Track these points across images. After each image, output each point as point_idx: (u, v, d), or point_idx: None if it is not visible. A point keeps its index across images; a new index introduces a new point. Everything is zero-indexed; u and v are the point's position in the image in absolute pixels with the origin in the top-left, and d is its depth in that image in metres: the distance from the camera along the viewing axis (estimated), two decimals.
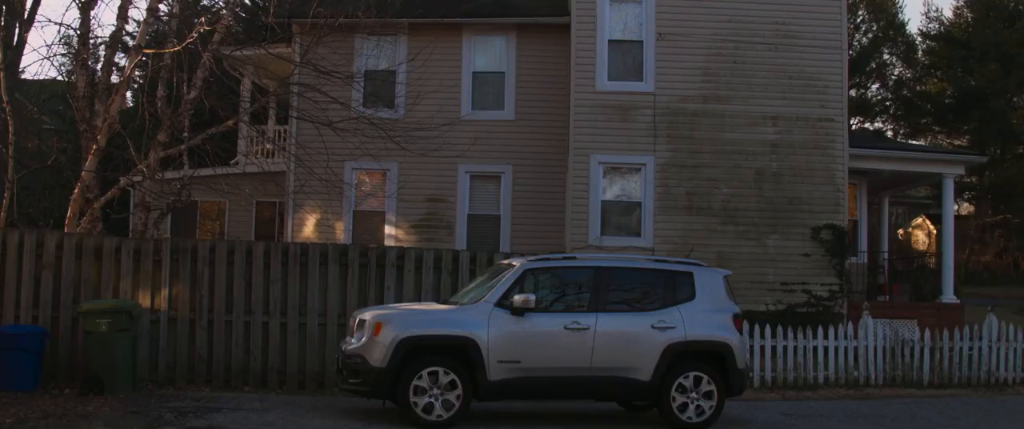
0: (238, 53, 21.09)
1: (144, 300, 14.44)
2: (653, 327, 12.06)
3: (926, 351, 17.70)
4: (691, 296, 12.45)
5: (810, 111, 19.92)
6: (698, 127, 19.90)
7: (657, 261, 13.33)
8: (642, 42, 20.21)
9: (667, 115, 19.93)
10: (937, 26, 47.38)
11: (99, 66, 19.14)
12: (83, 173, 16.20)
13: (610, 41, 20.23)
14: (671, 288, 12.47)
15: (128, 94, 27.36)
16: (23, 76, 23.91)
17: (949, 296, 21.65)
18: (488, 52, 22.19)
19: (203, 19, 16.86)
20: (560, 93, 21.30)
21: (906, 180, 24.37)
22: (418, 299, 14.93)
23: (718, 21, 20.02)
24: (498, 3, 22.42)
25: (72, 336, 14.18)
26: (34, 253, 14.28)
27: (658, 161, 19.83)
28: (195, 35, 15.66)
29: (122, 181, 16.58)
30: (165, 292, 14.52)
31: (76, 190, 16.39)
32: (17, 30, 22.32)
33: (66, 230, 16.10)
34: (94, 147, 16.27)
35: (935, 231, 41.73)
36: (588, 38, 20.17)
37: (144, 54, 16.66)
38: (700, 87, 19.97)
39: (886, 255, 24.80)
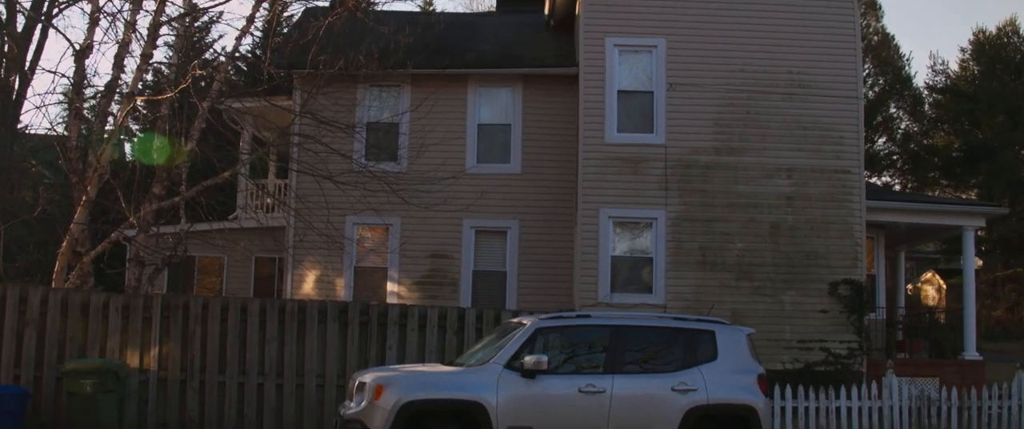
0: (237, 105, 20.57)
1: (132, 359, 13.77)
2: (673, 390, 11.35)
3: (953, 411, 16.88)
4: (713, 356, 11.74)
5: (826, 162, 19.30)
6: (711, 180, 19.28)
7: (676, 319, 12.62)
8: (652, 93, 19.65)
9: (679, 167, 19.31)
10: (943, 79, 47.11)
11: (94, 116, 18.60)
12: (72, 225, 15.57)
13: (619, 92, 19.68)
14: (691, 348, 11.76)
15: (127, 146, 26.86)
16: (28, 131, 23.42)
17: (971, 352, 20.88)
18: (494, 104, 21.65)
19: (198, 68, 16.32)
20: (568, 145, 20.74)
21: (925, 233, 23.71)
22: (422, 360, 14.22)
23: (730, 71, 19.49)
24: (504, 54, 21.95)
25: (55, 397, 13.51)
26: (17, 309, 13.63)
27: (670, 215, 19.18)
28: (189, 80, 15.11)
29: (113, 234, 15.95)
30: (155, 351, 13.85)
31: (64, 243, 15.76)
32: (17, 83, 21.84)
33: (53, 285, 15.44)
34: (83, 198, 15.66)
35: (945, 286, 41.16)
36: (597, 89, 19.61)
37: (137, 101, 16.11)
38: (712, 138, 19.38)
39: (903, 310, 24.06)
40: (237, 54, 22.28)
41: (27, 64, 21.31)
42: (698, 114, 19.42)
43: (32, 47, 21.11)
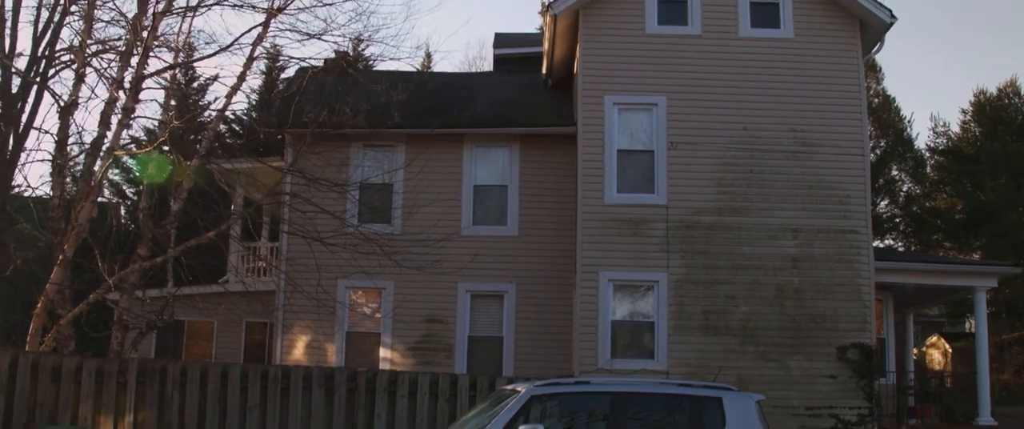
0: (228, 165, 20.08)
1: (106, 425, 13.06)
2: None
3: None
4: (721, 425, 11.03)
5: (832, 222, 18.73)
6: (714, 241, 18.70)
7: (681, 385, 11.93)
8: (652, 152, 19.16)
9: (680, 228, 18.75)
10: (945, 141, 46.83)
11: (79, 174, 18.07)
12: (48, 286, 14.97)
13: (619, 151, 19.18)
14: (697, 416, 11.06)
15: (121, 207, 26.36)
16: (23, 192, 22.91)
17: (986, 418, 20.16)
18: (490, 164, 21.16)
19: (183, 122, 15.84)
20: (566, 207, 20.21)
21: (935, 295, 23.07)
22: None
23: (732, 129, 19.02)
24: (500, 113, 21.49)
25: None
26: None
27: (672, 278, 18.56)
28: (167, 133, 14.59)
29: (92, 296, 15.34)
30: (129, 418, 13.20)
31: (39, 304, 15.13)
32: (12, 142, 21.36)
33: (28, 347, 14.79)
34: (60, 258, 15.08)
35: (951, 350, 40.41)
36: (595, 148, 19.12)
37: (117, 157, 15.60)
38: (715, 198, 18.85)
39: (912, 374, 23.34)
40: (228, 113, 21.83)
41: (21, 125, 20.86)
42: (700, 174, 18.91)
43: (27, 107, 20.71)
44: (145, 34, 14.80)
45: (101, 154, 16.27)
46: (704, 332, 18.37)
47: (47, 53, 18.65)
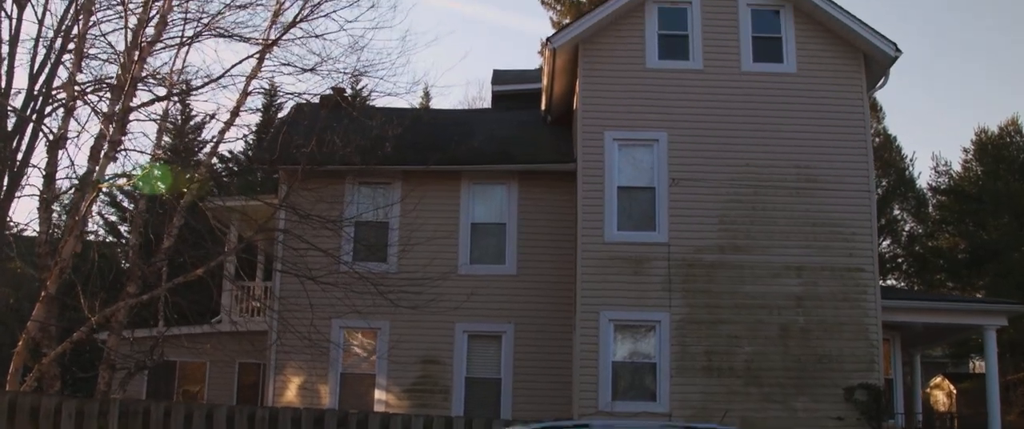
0: (217, 203, 19.70)
1: None
2: None
3: None
4: None
5: (837, 260, 18.33)
6: (716, 279, 18.27)
7: (685, 428, 11.50)
8: (654, 189, 18.79)
9: (682, 267, 18.33)
10: (947, 180, 46.47)
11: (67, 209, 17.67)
12: (29, 323, 14.53)
13: (619, 188, 18.82)
14: None
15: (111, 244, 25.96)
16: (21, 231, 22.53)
17: None
18: (488, 201, 20.79)
19: (168, 157, 15.47)
20: (566, 245, 19.81)
21: (943, 334, 22.62)
22: None
23: (735, 165, 18.67)
24: (499, 149, 21.14)
25: None
26: None
27: (674, 317, 18.12)
28: (149, 167, 14.21)
29: (75, 334, 14.88)
30: None
31: (20, 343, 14.65)
32: (7, 180, 21.00)
33: (8, 387, 14.31)
34: (43, 294, 14.65)
35: (955, 391, 39.86)
36: (596, 185, 18.76)
37: (108, 190, 15.21)
38: (717, 236, 18.45)
39: (921, 416, 22.81)
40: (225, 151, 21.49)
41: (17, 163, 20.53)
42: (702, 211, 18.54)
43: (23, 145, 20.39)
44: (133, 65, 14.47)
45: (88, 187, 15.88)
46: (707, 373, 17.91)
47: (44, 91, 18.37)
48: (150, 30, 14.99)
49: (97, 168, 15.07)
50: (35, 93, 18.27)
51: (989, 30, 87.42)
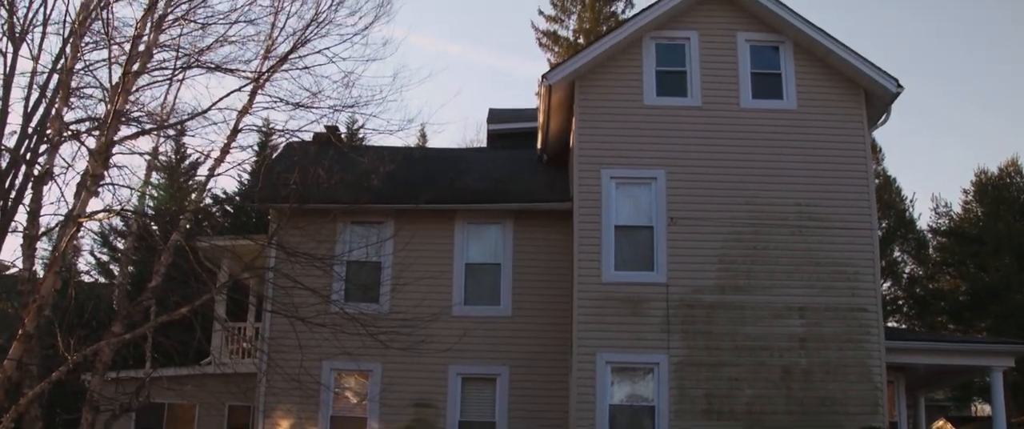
0: (203, 243, 19.28)
1: None
2: None
3: None
4: None
5: (840, 300, 17.91)
6: (716, 321, 17.84)
7: None
8: (652, 227, 18.41)
9: (681, 308, 17.90)
10: (947, 221, 46.15)
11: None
12: (5, 362, 14.03)
13: (617, 227, 18.44)
14: None
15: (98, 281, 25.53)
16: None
17: None
18: (482, 241, 20.40)
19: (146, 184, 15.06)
20: (562, 286, 19.42)
21: (947, 376, 22.09)
22: None
23: (735, 203, 18.31)
24: (494, 188, 20.79)
25: None
26: None
27: (673, 359, 17.66)
28: (130, 201, 13.80)
29: (54, 374, 14.37)
30: None
31: None
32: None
33: None
34: (20, 332, 14.17)
35: None
36: (592, 224, 18.38)
37: (81, 226, 14.77)
38: (717, 276, 18.04)
39: None
40: (219, 190, 21.10)
41: (9, 202, 20.16)
42: (702, 250, 18.16)
43: (16, 184, 20.03)
44: (116, 97, 14.10)
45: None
46: (707, 416, 17.43)
47: (38, 129, 18.00)
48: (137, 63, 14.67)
49: (78, 203, 14.63)
50: (29, 132, 17.93)
51: (987, 69, 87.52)
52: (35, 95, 17.47)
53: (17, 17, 16.78)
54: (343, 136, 20.00)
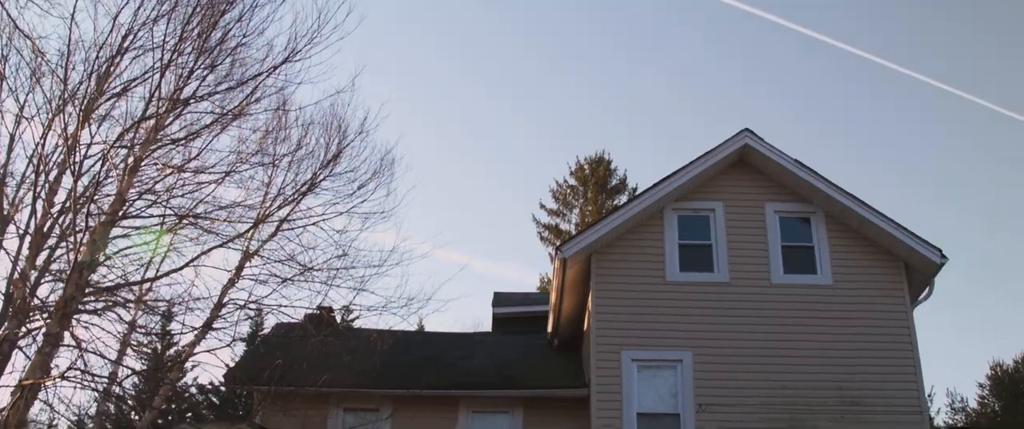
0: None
1: None
2: None
3: None
4: None
5: None
6: None
7: None
8: (678, 415, 16.58)
9: None
10: (963, 417, 44.29)
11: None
12: None
13: (639, 415, 16.60)
14: None
15: None
16: None
17: None
18: None
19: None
20: None
21: None
22: None
23: (770, 388, 16.56)
24: (501, 374, 19.01)
25: None
26: None
27: None
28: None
29: None
30: None
31: None
32: None
33: None
34: None
35: None
36: (612, 412, 16.56)
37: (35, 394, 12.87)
38: None
39: None
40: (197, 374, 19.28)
41: None
42: None
43: None
44: (77, 248, 12.58)
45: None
46: None
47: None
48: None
49: (28, 367, 12.86)
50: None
51: (995, 258, 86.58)
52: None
53: None
54: (334, 316, 18.31)
